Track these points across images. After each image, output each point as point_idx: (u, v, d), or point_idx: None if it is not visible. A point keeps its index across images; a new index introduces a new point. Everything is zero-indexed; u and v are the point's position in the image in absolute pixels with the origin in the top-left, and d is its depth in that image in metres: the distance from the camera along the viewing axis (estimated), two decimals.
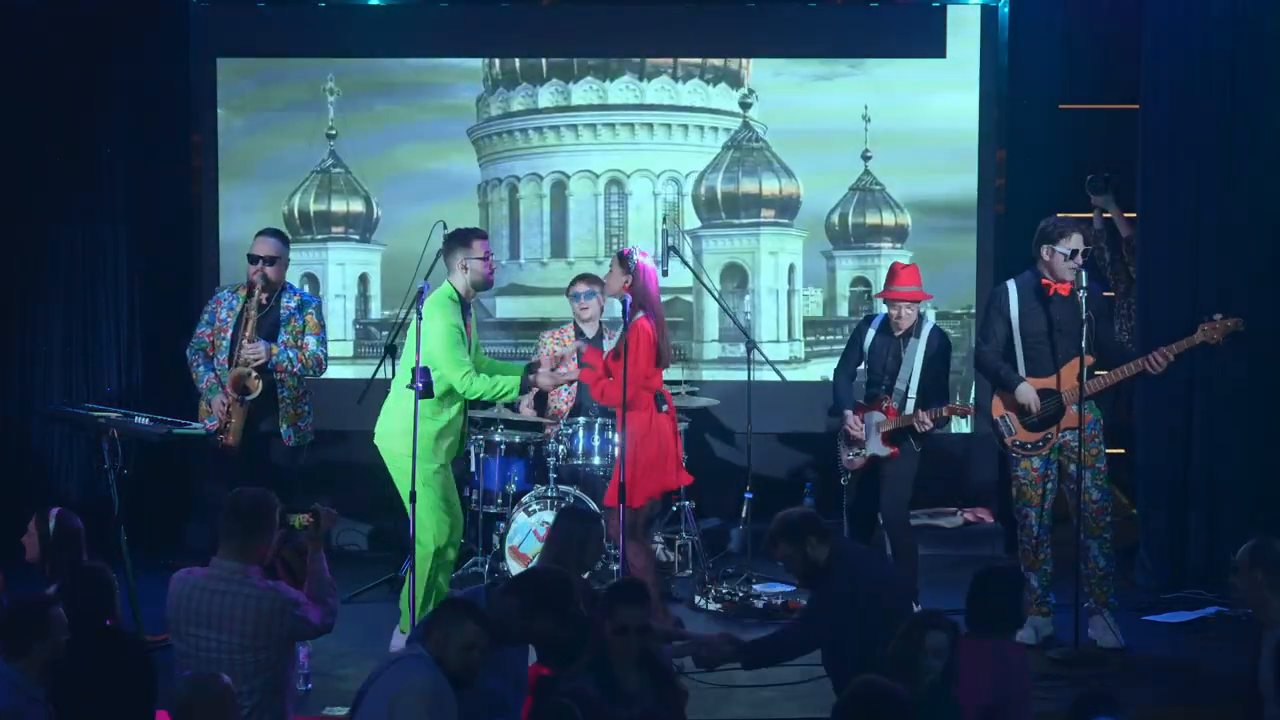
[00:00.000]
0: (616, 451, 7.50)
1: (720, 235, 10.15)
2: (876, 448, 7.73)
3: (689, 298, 10.08)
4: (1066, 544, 7.40)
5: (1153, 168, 8.48)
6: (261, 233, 7.78)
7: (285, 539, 5.65)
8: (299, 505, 5.82)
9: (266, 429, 7.63)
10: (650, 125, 10.15)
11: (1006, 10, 9.64)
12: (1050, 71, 9.50)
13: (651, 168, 10.14)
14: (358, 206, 10.12)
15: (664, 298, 7.85)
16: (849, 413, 7.81)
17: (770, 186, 10.11)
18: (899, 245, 9.96)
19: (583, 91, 10.09)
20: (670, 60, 10.05)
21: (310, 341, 7.67)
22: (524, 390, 7.37)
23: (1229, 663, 7.05)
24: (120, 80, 9.43)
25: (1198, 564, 8.41)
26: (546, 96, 10.12)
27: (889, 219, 10.03)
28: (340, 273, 10.07)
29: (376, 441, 7.24)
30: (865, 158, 9.92)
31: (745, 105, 10.07)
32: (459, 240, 7.26)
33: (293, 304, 7.69)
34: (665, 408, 7.45)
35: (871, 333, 7.87)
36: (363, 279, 10.20)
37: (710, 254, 10.13)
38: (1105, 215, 8.56)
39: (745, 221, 10.10)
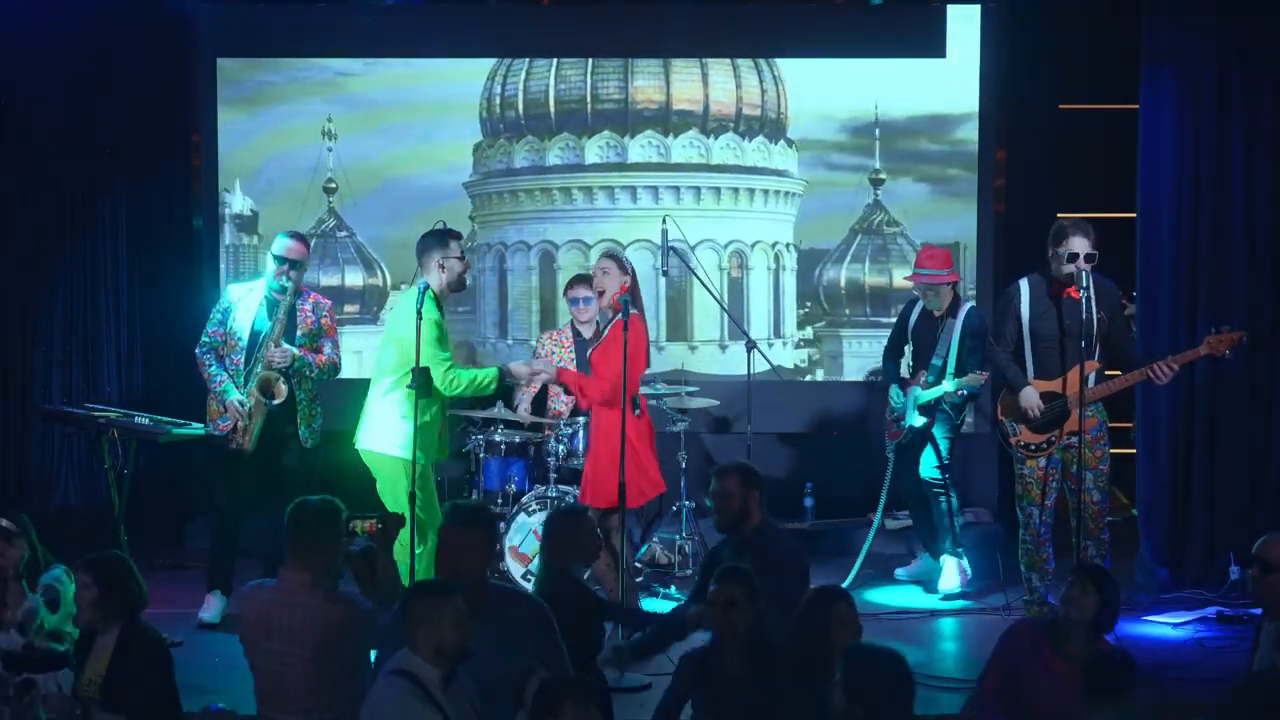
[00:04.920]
0: (588, 448, 7.62)
1: (866, 336, 9.56)
2: (913, 419, 8.18)
3: None
4: (1067, 544, 7.42)
5: (1153, 168, 8.48)
6: (290, 235, 7.70)
7: (352, 545, 5.63)
8: (360, 512, 5.78)
9: (280, 432, 7.62)
10: (717, 189, 9.62)
11: (1006, 10, 9.64)
12: (1050, 71, 9.50)
13: (716, 237, 9.68)
14: (373, 279, 9.75)
15: None
16: (894, 385, 8.36)
17: None
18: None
19: (640, 149, 9.50)
20: (732, 112, 9.63)
21: (326, 346, 7.70)
22: (502, 383, 7.35)
23: (1229, 663, 7.07)
24: (120, 80, 9.43)
25: (1198, 564, 8.41)
26: (595, 152, 9.48)
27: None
28: (356, 363, 9.29)
29: (359, 447, 7.23)
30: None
31: (876, 181, 9.62)
32: (435, 239, 7.27)
33: (308, 306, 7.70)
34: (639, 412, 7.46)
35: (915, 314, 8.38)
36: None
37: (853, 357, 9.58)
38: None
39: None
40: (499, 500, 8.32)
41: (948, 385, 8.01)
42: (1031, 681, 5.35)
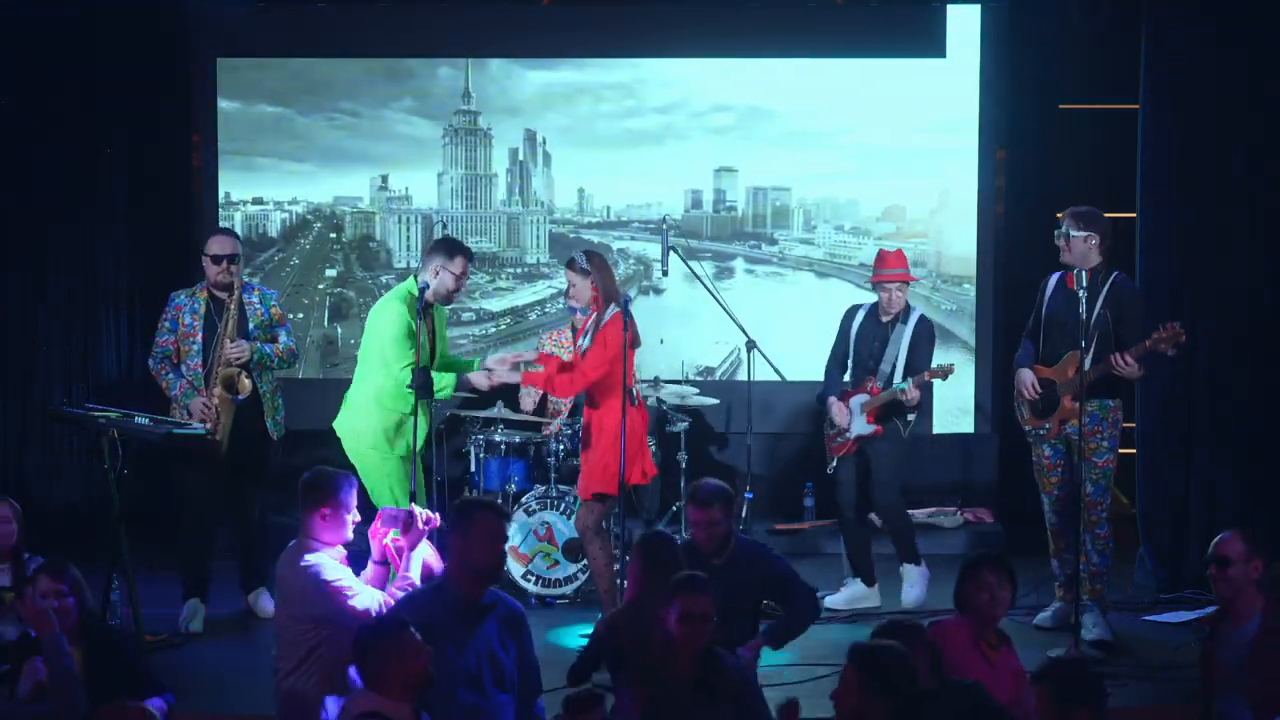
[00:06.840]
0: (582, 442, 7.48)
1: None
2: (861, 427, 7.97)
3: None
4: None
5: (1153, 168, 8.48)
6: (219, 232, 7.82)
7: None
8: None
9: (249, 428, 7.64)
10: None
11: (1006, 10, 9.64)
12: (1050, 71, 9.50)
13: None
14: None
15: None
16: (832, 399, 8.04)
17: None
18: None
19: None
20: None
21: (280, 334, 7.74)
22: (461, 388, 7.33)
23: None
24: (120, 80, 9.43)
25: (1198, 564, 8.38)
26: None
27: None
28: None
29: (338, 429, 7.28)
30: None
31: None
32: (444, 248, 7.28)
33: (255, 299, 7.74)
34: (636, 402, 7.46)
35: (859, 319, 8.08)
36: None
37: None
38: None
39: None
40: (498, 500, 8.32)
41: (899, 385, 7.84)
42: (979, 675, 5.36)
